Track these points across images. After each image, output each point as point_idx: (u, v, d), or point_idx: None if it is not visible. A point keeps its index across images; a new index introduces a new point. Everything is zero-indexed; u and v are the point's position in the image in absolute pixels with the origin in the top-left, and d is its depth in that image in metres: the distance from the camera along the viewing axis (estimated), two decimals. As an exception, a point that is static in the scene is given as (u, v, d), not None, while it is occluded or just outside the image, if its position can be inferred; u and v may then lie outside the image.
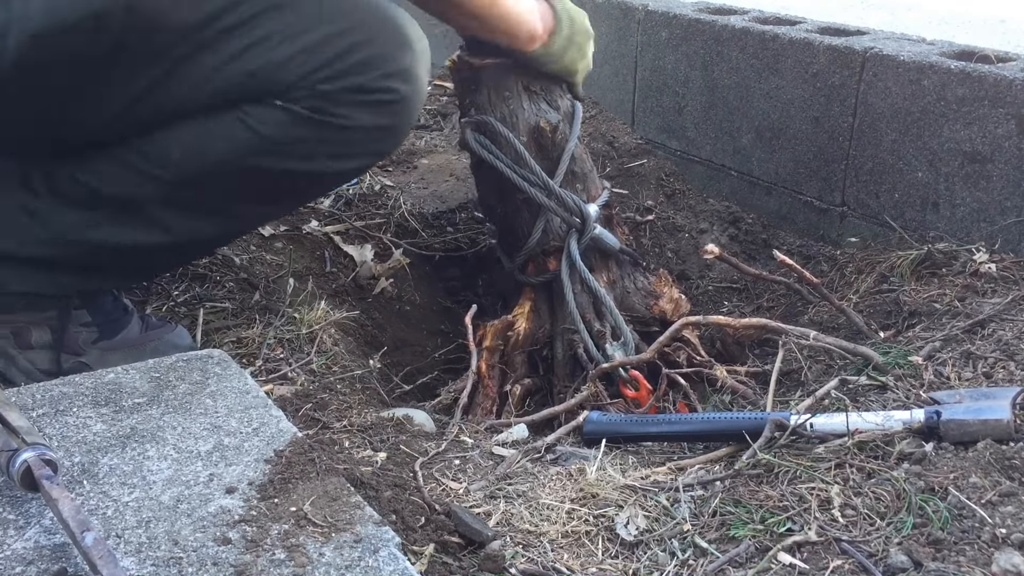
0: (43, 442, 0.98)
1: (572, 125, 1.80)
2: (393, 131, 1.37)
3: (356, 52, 1.28)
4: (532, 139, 1.75)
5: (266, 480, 1.02)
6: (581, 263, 1.75)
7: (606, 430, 1.39)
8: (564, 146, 1.77)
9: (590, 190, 1.83)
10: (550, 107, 1.78)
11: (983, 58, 1.82)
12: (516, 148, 1.71)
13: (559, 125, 1.76)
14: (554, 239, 1.78)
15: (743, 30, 2.19)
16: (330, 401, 1.41)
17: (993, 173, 1.76)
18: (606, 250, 1.81)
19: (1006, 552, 0.98)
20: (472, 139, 1.74)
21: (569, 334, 1.76)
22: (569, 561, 1.07)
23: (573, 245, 1.76)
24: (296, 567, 0.90)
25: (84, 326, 1.45)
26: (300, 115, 1.28)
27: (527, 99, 1.75)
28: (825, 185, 2.08)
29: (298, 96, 1.27)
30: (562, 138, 1.77)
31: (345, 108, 1.29)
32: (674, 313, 1.83)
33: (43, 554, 0.91)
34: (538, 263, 1.81)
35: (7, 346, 1.40)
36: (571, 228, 1.76)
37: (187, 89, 1.27)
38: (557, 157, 1.77)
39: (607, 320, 1.73)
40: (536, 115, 1.75)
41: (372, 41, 1.29)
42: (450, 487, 1.21)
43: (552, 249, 1.79)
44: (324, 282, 1.90)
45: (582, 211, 1.74)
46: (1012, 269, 1.67)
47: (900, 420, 1.24)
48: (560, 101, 1.80)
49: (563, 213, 1.74)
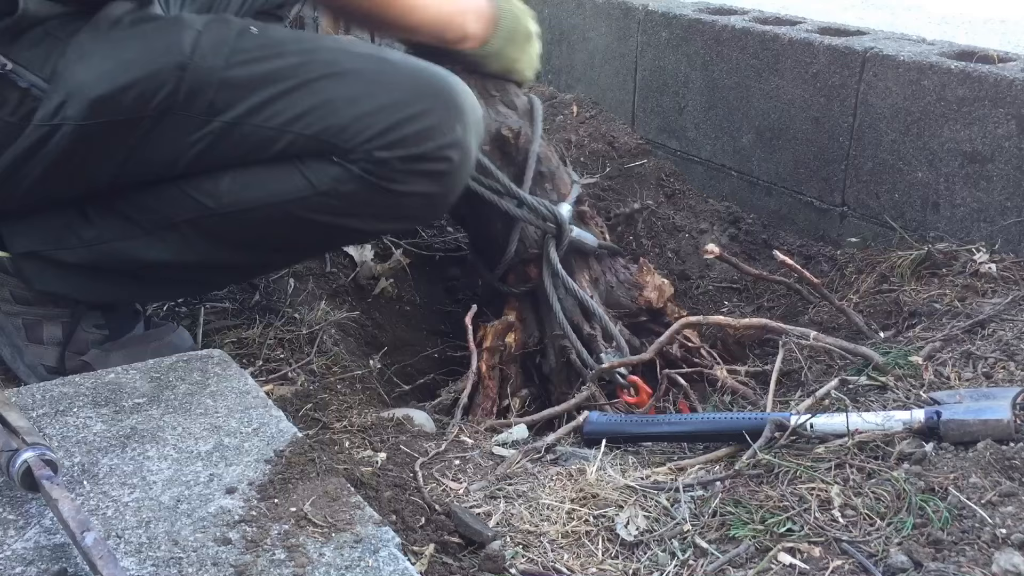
0: (43, 442, 0.98)
1: (534, 124, 1.75)
2: (440, 199, 1.39)
3: (413, 123, 1.30)
4: (495, 147, 1.71)
5: (266, 480, 1.02)
6: (562, 270, 1.71)
7: (606, 430, 1.39)
8: (528, 148, 1.73)
9: (559, 188, 1.79)
10: (508, 108, 1.74)
11: (983, 58, 1.82)
12: (480, 160, 1.65)
13: (521, 129, 1.72)
14: (531, 247, 1.74)
15: (743, 30, 2.19)
16: (330, 401, 1.41)
17: (993, 173, 1.76)
18: (585, 250, 1.78)
19: (1006, 552, 0.98)
20: None
21: (559, 341, 1.73)
22: (569, 561, 1.07)
23: (552, 252, 1.72)
24: (296, 567, 0.90)
25: (97, 327, 1.46)
26: (355, 174, 1.31)
27: (484, 105, 1.67)
28: (825, 185, 2.08)
29: (355, 159, 1.31)
30: (525, 141, 1.73)
31: (398, 174, 1.32)
32: (659, 300, 1.81)
33: (43, 554, 0.91)
34: (518, 273, 1.78)
35: (16, 338, 1.41)
36: (547, 234, 1.73)
37: (246, 146, 1.31)
38: (522, 161, 1.73)
39: (596, 322, 1.72)
40: (496, 121, 1.71)
41: (428, 113, 1.31)
42: (450, 487, 1.21)
43: (531, 257, 1.75)
44: (324, 282, 1.90)
45: (556, 216, 1.71)
46: (1012, 269, 1.67)
47: (900, 420, 1.24)
48: (517, 100, 1.76)
49: (537, 221, 1.71)
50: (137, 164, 1.32)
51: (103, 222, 1.38)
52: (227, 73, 1.28)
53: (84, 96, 1.24)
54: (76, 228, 1.38)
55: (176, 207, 1.36)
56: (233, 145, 1.31)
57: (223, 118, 1.29)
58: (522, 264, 1.77)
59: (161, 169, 1.34)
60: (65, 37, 1.27)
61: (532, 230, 1.74)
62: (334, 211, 1.35)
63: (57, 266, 1.39)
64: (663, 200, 2.31)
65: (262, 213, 1.34)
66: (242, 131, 1.30)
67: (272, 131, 1.30)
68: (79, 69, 1.25)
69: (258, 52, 1.30)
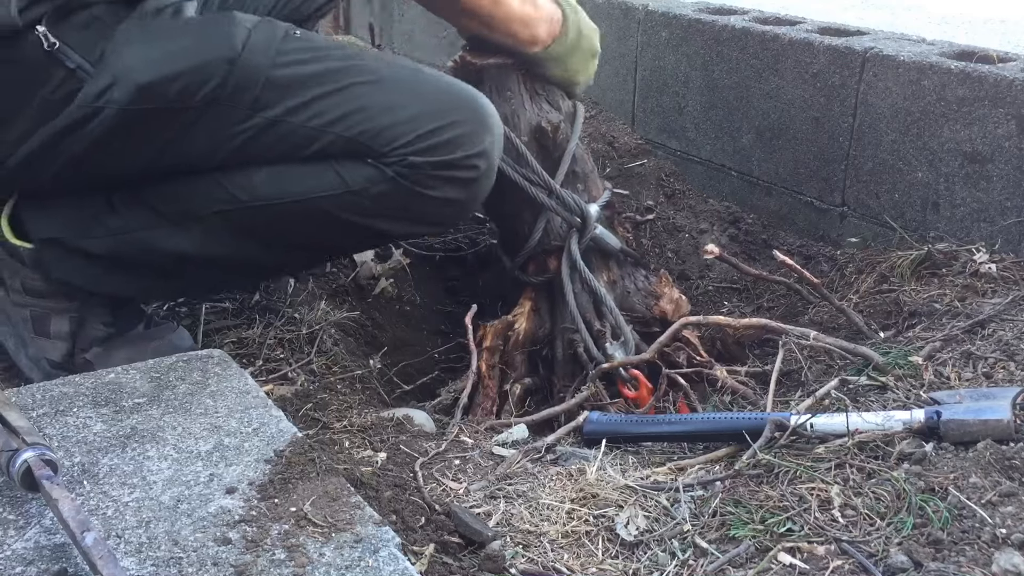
0: (43, 442, 0.98)
1: (573, 126, 1.80)
2: (464, 204, 1.46)
3: (446, 132, 1.37)
4: (534, 139, 1.75)
5: (266, 480, 1.02)
6: (582, 263, 1.75)
7: (606, 430, 1.39)
8: (566, 146, 1.77)
9: (591, 190, 1.83)
10: (552, 107, 1.78)
11: (983, 58, 1.82)
12: (517, 147, 1.71)
13: (561, 125, 1.76)
14: (555, 239, 1.78)
15: (743, 30, 2.19)
16: (330, 401, 1.41)
17: (993, 173, 1.76)
18: (607, 250, 1.81)
19: (1006, 552, 0.98)
20: None
21: (569, 333, 1.76)
22: (569, 561, 1.07)
23: (574, 245, 1.76)
24: (296, 567, 0.90)
25: (104, 325, 1.46)
26: (388, 176, 1.36)
27: (529, 99, 1.75)
28: (825, 185, 2.08)
29: (390, 162, 1.36)
30: (563, 138, 1.77)
31: (429, 179, 1.37)
32: (674, 314, 1.82)
33: (43, 554, 0.91)
34: (539, 262, 1.81)
35: (23, 329, 1.41)
36: (572, 228, 1.76)
37: (285, 144, 1.35)
38: (559, 157, 1.77)
39: (607, 320, 1.73)
40: (538, 115, 1.76)
41: (460, 124, 1.38)
42: (450, 487, 1.21)
43: (553, 249, 1.78)
44: (324, 282, 1.90)
45: (583, 211, 1.74)
46: (1012, 269, 1.67)
47: (900, 420, 1.24)
48: (562, 102, 1.80)
49: (564, 213, 1.74)
50: (174, 154, 1.35)
51: (129, 212, 1.40)
52: (273, 72, 1.32)
53: (131, 81, 1.26)
54: (102, 217, 1.40)
55: (207, 198, 1.38)
56: (272, 142, 1.35)
57: (265, 115, 1.33)
58: (544, 254, 1.80)
59: (197, 160, 1.37)
60: (112, 23, 1.30)
61: (558, 223, 1.77)
62: (363, 211, 1.39)
63: (77, 255, 1.40)
64: (663, 200, 2.31)
65: (293, 208, 1.38)
66: (282, 129, 1.34)
67: (312, 131, 1.34)
68: (127, 54, 1.27)
69: (303, 55, 1.35)
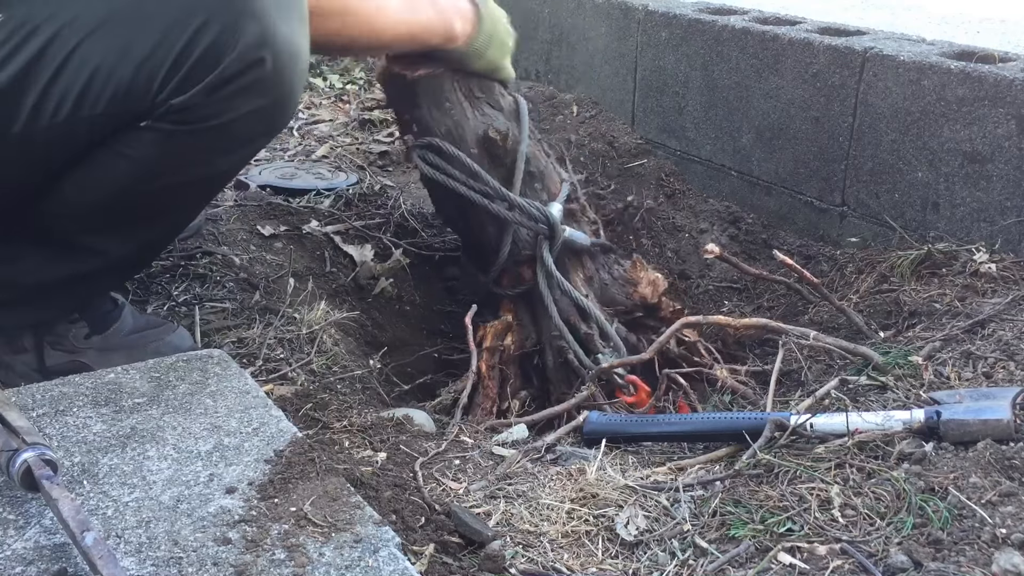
0: (43, 442, 0.98)
1: (520, 124, 1.75)
2: (275, 108, 1.24)
3: (193, 47, 1.13)
4: (483, 149, 1.70)
5: (266, 480, 1.02)
6: (558, 273, 1.71)
7: (606, 430, 1.39)
8: (517, 150, 1.73)
9: (549, 187, 1.79)
10: (494, 109, 1.73)
11: (983, 58, 1.82)
12: (468, 165, 1.66)
13: (508, 131, 1.71)
14: (525, 248, 1.74)
15: (743, 30, 2.19)
16: (330, 401, 1.41)
17: (993, 173, 1.76)
18: (578, 249, 1.78)
19: (1006, 552, 0.98)
20: (423, 164, 1.68)
21: (557, 341, 1.73)
22: (569, 561, 1.07)
23: (546, 253, 1.71)
24: (296, 567, 0.90)
25: (72, 323, 1.44)
26: (167, 131, 1.19)
27: (470, 107, 1.70)
28: (825, 185, 2.08)
29: (160, 115, 1.17)
30: (513, 143, 1.72)
31: (210, 109, 1.18)
32: (654, 295, 1.81)
33: (43, 554, 0.91)
34: (512, 275, 1.78)
35: (1, 354, 1.40)
36: (539, 235, 1.72)
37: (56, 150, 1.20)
38: (511, 163, 1.73)
39: (592, 322, 1.72)
40: (483, 123, 1.70)
41: (206, 27, 1.13)
42: (450, 487, 1.21)
43: (524, 259, 1.75)
44: (324, 282, 1.90)
45: (547, 217, 1.70)
46: (1012, 269, 1.67)
47: (900, 420, 1.24)
48: (503, 100, 1.76)
49: (528, 223, 1.71)
50: None
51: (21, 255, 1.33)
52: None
53: None
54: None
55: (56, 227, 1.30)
56: (43, 153, 1.19)
57: (14, 130, 1.15)
58: (516, 266, 1.76)
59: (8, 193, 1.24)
60: None
61: (524, 232, 1.73)
62: (176, 170, 1.23)
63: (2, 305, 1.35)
64: (663, 200, 2.31)
65: (123, 199, 1.25)
66: (40, 138, 1.16)
67: (65, 126, 1.16)
68: None
69: (10, 44, 1.13)
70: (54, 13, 1.14)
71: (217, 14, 1.13)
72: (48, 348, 1.42)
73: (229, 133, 1.22)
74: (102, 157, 1.22)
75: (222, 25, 1.13)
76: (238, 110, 1.19)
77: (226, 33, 1.13)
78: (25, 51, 1.13)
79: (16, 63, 1.13)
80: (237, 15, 1.14)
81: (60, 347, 1.43)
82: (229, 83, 1.16)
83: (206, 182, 1.34)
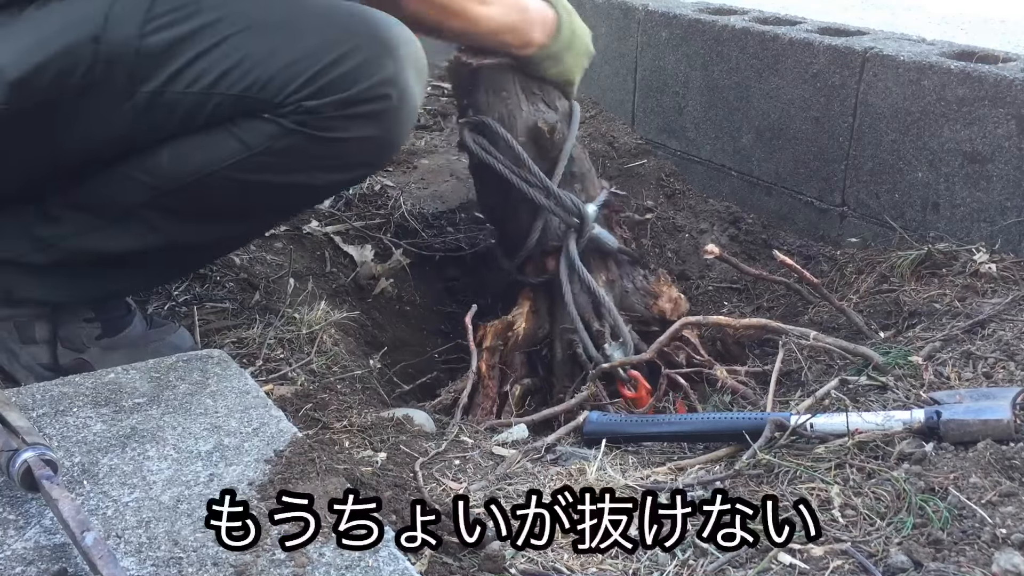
0: (43, 442, 0.98)
1: (570, 125, 1.80)
2: (383, 142, 1.35)
3: (338, 66, 1.25)
4: (530, 139, 1.75)
5: (266, 480, 1.02)
6: (580, 263, 1.74)
7: (606, 430, 1.39)
8: (562, 146, 1.77)
9: (589, 190, 1.82)
10: (548, 107, 1.78)
11: (983, 58, 1.82)
12: (514, 149, 1.71)
13: (557, 125, 1.76)
14: (552, 239, 1.78)
15: (743, 30, 2.18)
16: (330, 401, 1.41)
17: (993, 173, 1.76)
18: (605, 250, 1.81)
19: (1006, 552, 0.98)
20: (470, 140, 1.74)
21: (568, 334, 1.76)
22: (569, 561, 1.07)
23: (572, 245, 1.75)
24: (296, 567, 0.90)
25: (87, 322, 1.45)
26: (288, 128, 1.27)
27: (525, 99, 1.75)
28: (825, 185, 2.08)
29: (285, 112, 1.26)
30: (560, 138, 1.77)
31: (333, 121, 1.27)
32: (673, 312, 1.82)
33: (43, 554, 0.91)
34: (537, 263, 1.81)
35: (10, 341, 1.40)
36: (569, 228, 1.76)
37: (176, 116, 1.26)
38: (555, 157, 1.77)
39: (606, 320, 1.73)
40: (534, 115, 1.75)
41: (353, 53, 1.26)
42: (450, 487, 1.21)
43: (551, 249, 1.78)
44: (324, 282, 1.90)
45: (580, 211, 1.74)
46: (1012, 269, 1.67)
47: (900, 420, 1.24)
48: (558, 102, 1.80)
49: (561, 213, 1.74)
50: (72, 148, 1.28)
51: (61, 218, 1.35)
52: (143, 42, 1.22)
53: (3, 80, 1.18)
54: (32, 228, 1.35)
55: (125, 192, 1.32)
56: (162, 117, 1.26)
57: (145, 88, 1.24)
58: (542, 255, 1.80)
59: (100, 148, 1.29)
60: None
61: (556, 223, 1.77)
62: (275, 169, 1.30)
63: (31, 271, 1.37)
64: (663, 200, 2.31)
65: (207, 181, 1.30)
66: (167, 99, 1.25)
67: (197, 96, 1.25)
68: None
69: (174, 15, 1.23)
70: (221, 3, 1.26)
71: (366, 46, 1.27)
72: (59, 345, 1.43)
73: (339, 150, 1.31)
74: (216, 134, 1.28)
75: (367, 56, 1.27)
76: (355, 132, 1.29)
77: (369, 63, 1.27)
78: (185, 24, 1.23)
79: (174, 31, 1.23)
80: (382, 52, 1.28)
81: (70, 344, 1.44)
82: (357, 104, 1.27)
83: (296, 193, 1.42)
